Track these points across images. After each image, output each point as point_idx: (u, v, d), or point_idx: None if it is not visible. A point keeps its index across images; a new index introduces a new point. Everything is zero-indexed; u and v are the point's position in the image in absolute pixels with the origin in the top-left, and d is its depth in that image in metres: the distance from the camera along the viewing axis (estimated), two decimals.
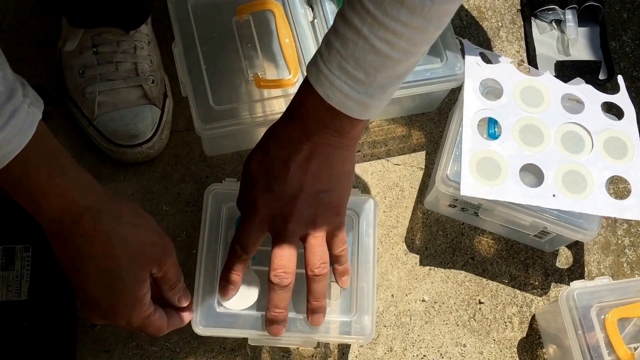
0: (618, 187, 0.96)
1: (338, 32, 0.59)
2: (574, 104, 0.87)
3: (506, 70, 0.87)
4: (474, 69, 0.86)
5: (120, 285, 0.59)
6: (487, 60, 0.88)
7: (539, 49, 1.05)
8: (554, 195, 0.79)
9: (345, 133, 0.65)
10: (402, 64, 0.60)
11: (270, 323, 0.71)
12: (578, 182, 0.81)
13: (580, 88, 0.87)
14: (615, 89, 0.88)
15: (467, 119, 0.82)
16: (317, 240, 0.68)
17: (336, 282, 0.73)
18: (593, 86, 0.89)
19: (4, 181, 0.55)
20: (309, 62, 0.63)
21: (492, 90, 0.88)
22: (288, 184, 0.66)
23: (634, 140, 0.84)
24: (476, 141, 0.81)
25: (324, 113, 0.63)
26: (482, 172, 0.80)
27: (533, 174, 0.83)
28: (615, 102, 0.87)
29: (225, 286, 0.71)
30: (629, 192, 0.81)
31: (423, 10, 0.56)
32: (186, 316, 0.70)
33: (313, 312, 0.71)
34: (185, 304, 0.70)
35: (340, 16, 0.60)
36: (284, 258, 0.67)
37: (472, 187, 0.78)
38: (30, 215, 0.82)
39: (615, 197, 0.81)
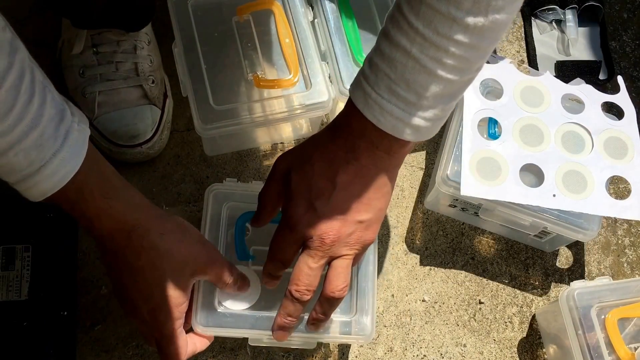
0: (618, 187, 0.96)
1: (384, 53, 0.56)
2: (574, 104, 0.87)
3: (506, 70, 0.87)
4: None
5: (163, 294, 0.63)
6: (486, 60, 0.88)
7: (539, 49, 1.05)
8: (554, 195, 0.79)
9: (394, 153, 0.62)
10: (456, 82, 0.57)
11: (278, 328, 0.70)
12: (578, 182, 0.81)
13: (580, 88, 0.87)
14: (615, 89, 0.88)
15: (467, 119, 0.82)
16: (345, 263, 0.65)
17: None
18: (593, 86, 0.89)
19: (59, 201, 0.58)
20: (352, 85, 0.60)
21: (492, 90, 0.88)
22: (332, 205, 0.63)
23: (634, 140, 0.84)
24: (476, 141, 0.81)
25: (373, 134, 0.60)
26: (482, 172, 0.80)
27: (533, 174, 0.82)
28: (615, 102, 0.87)
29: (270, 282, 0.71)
30: (629, 192, 0.81)
31: (476, 27, 0.52)
32: (201, 343, 0.72)
33: (317, 322, 0.70)
34: (245, 289, 0.73)
35: (384, 36, 0.57)
36: (310, 277, 0.65)
37: (472, 187, 0.78)
38: (31, 216, 0.83)
39: (616, 197, 0.81)
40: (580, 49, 1.05)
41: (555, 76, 0.87)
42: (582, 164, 0.82)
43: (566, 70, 1.02)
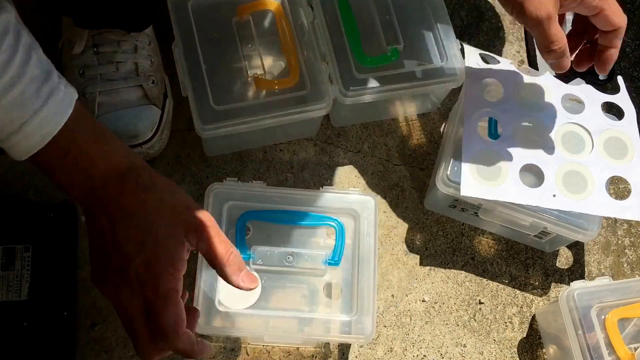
0: (618, 187, 0.96)
1: None
2: (574, 104, 0.87)
3: (506, 70, 0.87)
4: (474, 70, 0.86)
5: (157, 242, 0.57)
6: (486, 61, 0.88)
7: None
8: (554, 196, 0.79)
9: None
10: None
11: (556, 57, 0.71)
12: (578, 183, 0.81)
13: (580, 88, 0.87)
14: (615, 89, 0.88)
15: (467, 119, 0.82)
16: None
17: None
18: (593, 86, 0.89)
19: (51, 158, 0.57)
20: None
21: (492, 90, 0.88)
22: None
23: (634, 140, 0.84)
24: (476, 141, 0.81)
25: None
26: (482, 172, 0.80)
27: (533, 174, 0.82)
28: (615, 103, 0.87)
29: None
30: (629, 192, 0.81)
31: None
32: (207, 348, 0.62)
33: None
34: (251, 286, 0.63)
35: None
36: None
37: (472, 187, 0.78)
38: (31, 216, 0.83)
39: (616, 197, 0.81)
40: None
41: (555, 76, 0.87)
42: (582, 164, 0.82)
43: (566, 71, 1.02)
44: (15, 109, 0.53)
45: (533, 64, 1.03)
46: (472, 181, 0.79)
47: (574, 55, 0.76)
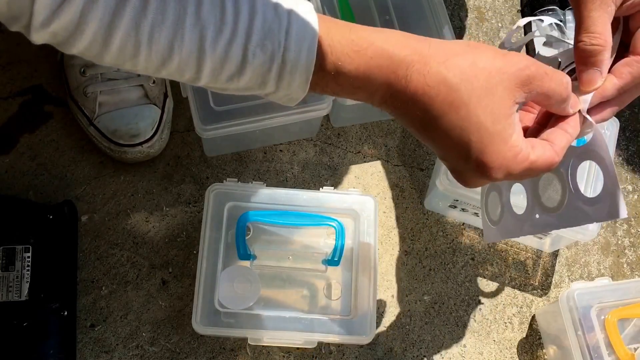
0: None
1: None
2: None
3: None
4: None
5: (480, 133, 0.48)
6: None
7: (539, 49, 1.05)
8: (537, 216, 0.72)
9: None
10: None
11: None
12: (553, 197, 0.75)
13: None
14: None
15: None
16: None
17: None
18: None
19: (327, 87, 0.50)
20: None
21: None
22: None
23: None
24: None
25: None
26: (491, 214, 0.71)
27: (523, 197, 0.78)
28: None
29: None
30: (605, 194, 0.72)
31: None
32: (571, 125, 0.52)
33: None
34: (577, 108, 0.52)
35: None
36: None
37: (492, 234, 0.70)
38: (31, 216, 0.83)
39: (592, 204, 0.74)
40: None
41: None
42: (556, 177, 0.74)
43: (566, 72, 1.02)
44: (268, 41, 0.46)
45: None
46: (491, 227, 0.70)
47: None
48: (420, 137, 0.51)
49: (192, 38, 0.45)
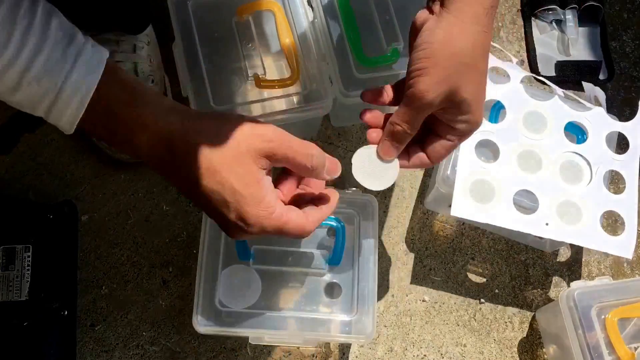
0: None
1: None
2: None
3: (513, 91, 0.84)
4: None
5: (235, 195, 0.54)
6: (497, 72, 0.86)
7: (539, 49, 1.05)
8: (547, 224, 0.78)
9: None
10: None
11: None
12: (572, 213, 0.79)
13: (586, 115, 0.84)
14: (624, 116, 0.85)
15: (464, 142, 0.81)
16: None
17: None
18: (594, 85, 0.87)
19: (95, 127, 0.54)
20: None
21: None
22: None
23: (633, 175, 0.82)
24: (473, 163, 0.79)
25: None
26: (475, 194, 0.78)
27: (528, 199, 0.81)
28: (622, 133, 0.84)
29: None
30: (622, 227, 0.79)
31: None
32: (333, 194, 0.62)
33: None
34: (336, 173, 0.61)
35: None
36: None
37: (463, 208, 0.76)
38: (31, 216, 0.83)
39: (609, 232, 0.79)
40: (581, 49, 1.05)
41: (555, 76, 0.86)
42: (579, 196, 0.80)
43: (566, 71, 1.02)
44: (46, 78, 0.50)
45: (533, 64, 1.03)
46: (464, 202, 0.77)
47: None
48: (188, 197, 0.57)
49: None
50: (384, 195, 0.93)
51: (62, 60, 0.51)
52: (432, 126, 0.62)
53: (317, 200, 0.61)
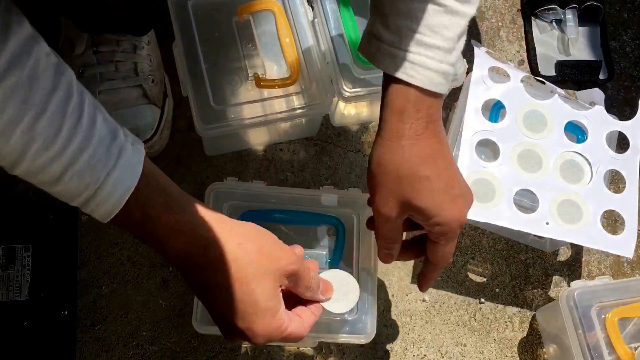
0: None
1: (399, 9, 0.58)
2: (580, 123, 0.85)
3: (513, 91, 0.84)
4: (479, 88, 0.83)
5: (255, 306, 0.58)
6: (496, 73, 0.86)
7: (540, 49, 1.05)
8: (547, 223, 0.78)
9: (435, 112, 0.62)
10: (469, 14, 0.60)
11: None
12: (572, 212, 0.79)
13: (586, 114, 0.84)
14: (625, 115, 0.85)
15: (465, 140, 0.80)
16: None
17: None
18: (593, 86, 0.87)
19: (129, 224, 0.56)
20: (377, 58, 0.61)
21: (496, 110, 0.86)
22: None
23: (634, 175, 0.82)
24: (472, 163, 0.80)
25: (414, 100, 0.61)
26: (476, 193, 0.76)
27: (528, 199, 0.81)
28: (622, 132, 0.84)
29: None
30: (622, 226, 0.80)
31: None
32: (317, 309, 0.66)
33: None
34: (329, 294, 0.67)
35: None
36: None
37: None
38: (31, 216, 0.83)
39: (609, 231, 0.79)
40: (581, 49, 1.05)
41: (555, 76, 0.86)
42: (579, 195, 0.80)
43: (566, 70, 1.02)
44: (88, 173, 0.52)
45: (533, 63, 1.03)
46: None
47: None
48: (202, 298, 0.59)
49: (17, 142, 0.48)
50: None
51: (106, 157, 0.52)
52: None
53: (307, 302, 0.65)
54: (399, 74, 0.60)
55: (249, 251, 0.58)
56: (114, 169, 0.52)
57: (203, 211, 0.59)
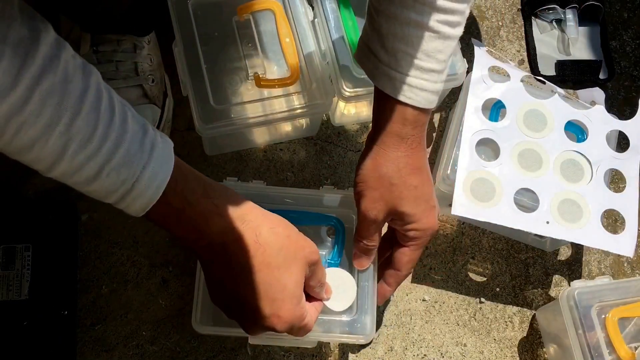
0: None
1: (396, 34, 0.61)
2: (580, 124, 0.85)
3: (513, 90, 0.84)
4: (479, 87, 0.83)
5: (284, 292, 0.60)
6: (496, 73, 0.86)
7: (540, 49, 1.05)
8: (547, 222, 0.78)
9: (422, 125, 0.68)
10: (457, 36, 0.64)
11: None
12: (573, 212, 0.79)
13: (586, 113, 0.84)
14: (626, 114, 0.84)
15: (465, 140, 0.80)
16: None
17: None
18: (593, 86, 0.87)
19: (165, 214, 0.57)
20: (375, 77, 0.65)
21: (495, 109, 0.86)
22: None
23: (634, 174, 0.82)
24: (473, 162, 0.79)
25: (410, 117, 0.65)
26: (476, 192, 0.78)
27: (528, 198, 0.81)
28: (622, 131, 0.84)
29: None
30: (623, 226, 0.80)
31: None
32: (319, 305, 0.69)
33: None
34: (329, 294, 0.71)
35: (389, 18, 0.61)
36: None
37: (464, 207, 0.76)
38: (31, 216, 0.83)
39: (609, 231, 0.79)
40: (581, 49, 1.05)
41: (555, 75, 0.86)
42: (580, 194, 0.80)
43: (567, 70, 1.02)
44: (124, 169, 0.52)
45: (533, 63, 1.03)
46: (465, 200, 0.77)
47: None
48: (229, 284, 0.60)
49: (55, 144, 0.49)
50: None
51: (140, 151, 0.53)
52: (396, 237, 0.72)
53: (310, 298, 0.68)
54: (399, 97, 0.64)
55: (281, 236, 0.61)
56: (149, 162, 0.54)
57: (235, 195, 0.61)
